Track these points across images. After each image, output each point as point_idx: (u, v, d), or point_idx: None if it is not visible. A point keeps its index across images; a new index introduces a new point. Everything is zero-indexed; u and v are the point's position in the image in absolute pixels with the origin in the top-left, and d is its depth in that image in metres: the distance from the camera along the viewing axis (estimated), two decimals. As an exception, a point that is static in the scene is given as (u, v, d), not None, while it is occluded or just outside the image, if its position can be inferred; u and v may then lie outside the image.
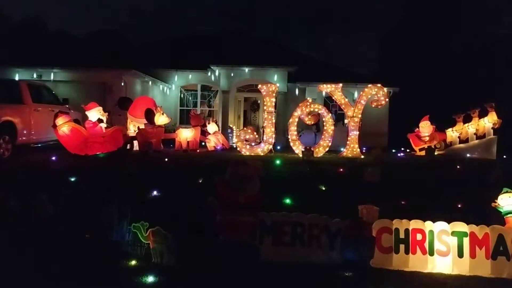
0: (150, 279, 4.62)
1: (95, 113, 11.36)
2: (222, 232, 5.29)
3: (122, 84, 17.95)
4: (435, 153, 14.31)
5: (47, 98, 12.29)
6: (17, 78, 16.73)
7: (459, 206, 6.86)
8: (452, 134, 15.73)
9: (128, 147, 12.63)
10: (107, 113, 12.03)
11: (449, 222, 5.30)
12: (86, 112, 11.44)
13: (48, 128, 10.85)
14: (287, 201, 6.71)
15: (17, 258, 5.12)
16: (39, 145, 11.82)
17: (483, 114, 14.32)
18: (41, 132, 11.39)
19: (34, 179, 7.66)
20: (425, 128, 15.08)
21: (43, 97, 12.07)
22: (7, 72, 17.76)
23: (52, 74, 17.80)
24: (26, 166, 9.34)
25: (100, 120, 11.39)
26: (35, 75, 17.88)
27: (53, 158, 9.80)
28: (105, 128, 11.59)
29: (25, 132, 10.72)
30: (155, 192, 7.01)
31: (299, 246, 5.38)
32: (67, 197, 6.38)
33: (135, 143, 12.85)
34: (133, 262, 5.16)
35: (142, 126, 12.66)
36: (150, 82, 20.34)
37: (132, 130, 13.26)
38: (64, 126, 10.33)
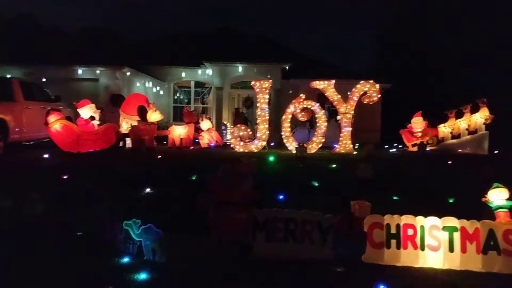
0: (142, 276, 4.62)
1: (87, 111, 11.32)
2: (215, 229, 5.30)
3: (115, 81, 17.88)
4: (427, 149, 14.38)
5: (38, 95, 12.25)
6: (8, 75, 16.59)
7: (451, 201, 6.91)
8: (444, 129, 15.81)
9: (120, 144, 12.60)
10: (99, 110, 11.98)
11: (440, 217, 5.33)
12: (78, 110, 11.40)
13: (40, 126, 10.80)
14: (280, 197, 6.72)
15: (8, 257, 5.10)
16: (31, 142, 11.78)
17: (475, 110, 14.40)
18: (33, 130, 11.35)
19: (26, 177, 7.63)
20: (418, 124, 15.13)
21: (35, 94, 12.03)
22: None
23: (44, 71, 17.69)
24: (18, 164, 9.29)
25: (92, 118, 11.35)
26: (26, 73, 17.75)
27: (45, 155, 9.77)
28: (98, 125, 11.54)
29: (17, 129, 10.69)
30: (147, 190, 7.00)
31: (292, 242, 5.39)
32: (59, 195, 6.35)
33: (128, 140, 12.81)
34: (125, 260, 5.15)
35: (134, 123, 12.62)
36: (143, 79, 20.28)
37: (124, 127, 13.22)
38: (56, 123, 10.28)
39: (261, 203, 5.56)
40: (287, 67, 20.48)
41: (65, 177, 7.48)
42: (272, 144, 14.54)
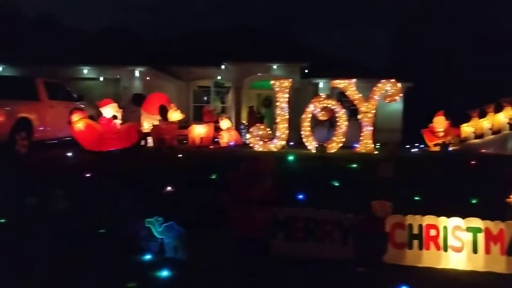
0: (164, 273, 4.67)
1: (109, 110, 11.42)
2: (234, 227, 5.33)
3: (136, 80, 18.08)
4: (450, 149, 14.18)
5: (62, 95, 12.43)
6: (32, 75, 16.92)
7: (473, 201, 6.80)
8: (467, 129, 15.57)
9: (142, 143, 12.72)
10: (121, 110, 12.10)
11: (463, 218, 5.27)
12: (101, 109, 11.50)
13: (63, 125, 10.96)
14: (300, 196, 6.71)
15: (34, 253, 5.22)
16: (55, 141, 11.96)
17: (498, 110, 14.15)
18: (57, 129, 11.51)
19: (50, 175, 7.77)
20: (440, 123, 14.93)
21: (58, 94, 12.20)
22: (23, 69, 17.99)
23: (67, 71, 18.00)
24: (42, 162, 9.46)
25: (114, 117, 11.46)
26: (50, 72, 18.08)
27: (68, 154, 9.93)
28: (120, 124, 11.67)
29: (41, 128, 10.85)
30: (168, 188, 7.06)
31: (312, 241, 5.40)
32: (82, 193, 6.46)
33: (149, 139, 12.94)
34: (147, 257, 5.23)
35: (156, 123, 12.74)
36: (163, 79, 20.45)
37: (146, 126, 13.35)
38: (79, 122, 10.42)
39: (281, 202, 5.57)
40: (306, 66, 20.41)
41: (88, 175, 7.58)
42: (291, 143, 14.51)
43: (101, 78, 18.10)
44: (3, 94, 10.29)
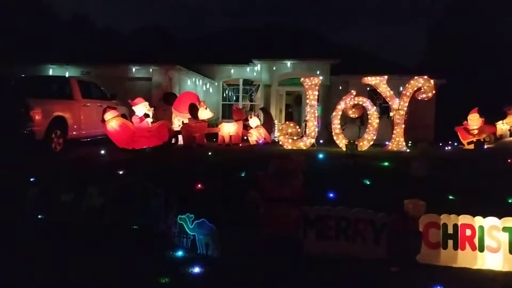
0: (196, 269, 4.72)
1: (141, 108, 11.61)
2: (265, 225, 5.33)
3: (167, 79, 18.32)
4: (485, 147, 13.83)
5: (95, 93, 12.70)
6: (67, 74, 17.39)
7: (510, 201, 6.61)
8: (502, 127, 15.15)
9: (173, 141, 12.89)
10: (153, 108, 12.28)
11: (499, 218, 5.13)
12: (133, 107, 11.70)
13: (97, 123, 11.19)
14: (331, 195, 6.66)
15: (68, 248, 5.35)
16: (88, 139, 12.23)
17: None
18: (90, 127, 11.77)
19: (84, 172, 7.95)
20: (474, 121, 14.59)
21: (92, 92, 12.48)
22: (58, 69, 18.49)
23: (100, 70, 18.40)
24: (77, 160, 9.70)
25: (146, 115, 11.64)
26: (83, 72, 18.55)
27: (102, 152, 10.13)
28: (151, 122, 11.84)
29: (75, 127, 11.11)
30: (199, 185, 7.12)
31: (344, 240, 5.35)
32: (116, 190, 6.58)
33: (180, 137, 13.09)
34: (179, 253, 5.29)
35: (186, 121, 12.87)
36: (193, 77, 20.64)
37: (176, 124, 13.50)
38: (112, 121, 10.61)
39: (312, 201, 5.54)
40: (336, 63, 20.24)
41: (121, 172, 7.73)
42: (321, 141, 14.43)
43: (133, 77, 18.39)
44: (39, 93, 10.60)
